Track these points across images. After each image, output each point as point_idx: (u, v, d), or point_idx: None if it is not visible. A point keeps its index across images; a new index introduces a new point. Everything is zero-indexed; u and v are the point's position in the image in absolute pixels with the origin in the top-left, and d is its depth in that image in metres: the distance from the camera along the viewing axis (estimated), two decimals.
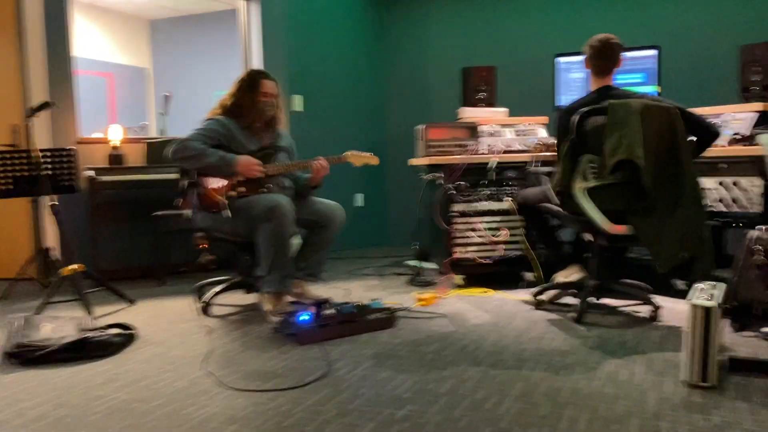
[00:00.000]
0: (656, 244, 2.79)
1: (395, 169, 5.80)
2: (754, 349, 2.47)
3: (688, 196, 2.79)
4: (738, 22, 4.52)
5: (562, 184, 2.85)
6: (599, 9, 5.00)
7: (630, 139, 2.67)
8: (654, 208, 2.79)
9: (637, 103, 2.76)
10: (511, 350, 2.54)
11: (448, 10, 5.63)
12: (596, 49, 3.02)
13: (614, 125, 2.73)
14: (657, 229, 2.79)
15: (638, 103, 2.76)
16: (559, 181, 2.87)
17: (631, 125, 2.69)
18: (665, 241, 2.78)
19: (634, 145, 2.67)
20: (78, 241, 4.24)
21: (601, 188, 2.81)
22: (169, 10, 7.01)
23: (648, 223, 2.79)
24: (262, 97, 3.28)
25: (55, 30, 4.31)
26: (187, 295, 3.69)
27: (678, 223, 2.77)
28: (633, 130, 2.69)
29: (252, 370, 2.36)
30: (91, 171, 4.22)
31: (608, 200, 2.82)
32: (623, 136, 2.69)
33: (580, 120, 2.80)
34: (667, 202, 2.79)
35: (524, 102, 4.78)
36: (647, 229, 2.79)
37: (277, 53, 5.00)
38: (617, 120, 2.73)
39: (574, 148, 2.84)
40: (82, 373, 2.38)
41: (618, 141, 2.70)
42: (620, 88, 3.05)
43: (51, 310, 3.31)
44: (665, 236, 2.78)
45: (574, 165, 2.84)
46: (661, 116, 2.78)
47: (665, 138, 2.78)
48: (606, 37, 3.03)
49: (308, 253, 3.39)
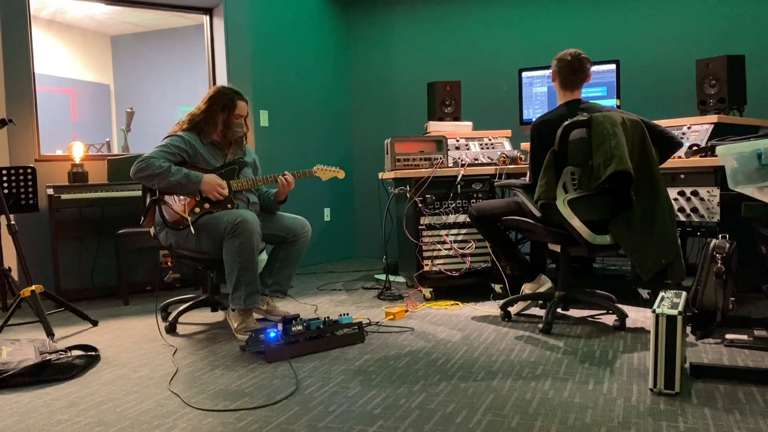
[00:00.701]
0: (639, 252, 2.85)
1: (362, 183, 5.81)
2: (717, 356, 2.52)
3: (663, 205, 2.87)
4: (694, 36, 4.67)
5: (547, 196, 2.88)
6: (561, 24, 5.11)
7: (620, 151, 2.73)
8: (634, 217, 2.85)
9: (617, 115, 2.84)
10: (480, 363, 2.55)
11: (413, 25, 5.69)
12: (568, 63, 3.07)
13: (602, 137, 2.76)
14: (639, 237, 2.85)
15: (618, 116, 2.83)
16: (543, 193, 2.89)
17: (618, 137, 2.76)
18: (648, 249, 2.85)
19: (625, 156, 2.73)
20: (38, 261, 4.15)
21: (581, 199, 2.88)
22: (131, 26, 6.94)
23: (630, 232, 2.86)
24: (234, 119, 3.26)
25: (13, 46, 4.22)
26: (152, 314, 3.62)
27: (658, 230, 2.85)
28: (621, 142, 2.75)
29: (219, 390, 2.32)
30: (51, 189, 4.12)
31: (588, 211, 2.88)
32: (614, 147, 2.73)
33: (564, 132, 2.84)
34: (645, 211, 2.86)
35: (489, 116, 4.85)
36: (629, 237, 2.86)
37: (242, 68, 4.98)
38: (605, 132, 2.76)
39: (556, 160, 2.88)
40: (43, 397, 2.31)
41: (609, 153, 2.74)
42: (589, 102, 3.11)
43: (10, 333, 3.22)
44: (647, 244, 2.84)
45: (557, 177, 2.88)
46: (634, 129, 2.85)
47: (636, 149, 2.85)
48: (576, 52, 3.09)
49: (275, 269, 3.36)
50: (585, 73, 3.09)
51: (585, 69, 3.09)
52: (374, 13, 5.82)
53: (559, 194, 2.87)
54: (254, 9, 5.06)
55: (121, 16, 6.57)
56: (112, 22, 6.85)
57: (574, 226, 2.86)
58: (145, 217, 3.21)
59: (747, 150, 2.22)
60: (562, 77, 3.09)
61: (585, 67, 3.09)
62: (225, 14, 4.92)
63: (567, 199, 2.87)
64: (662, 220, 2.86)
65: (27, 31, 4.29)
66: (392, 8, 5.75)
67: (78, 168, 4.33)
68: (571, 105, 3.06)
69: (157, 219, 3.18)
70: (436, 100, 4.54)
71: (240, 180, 3.26)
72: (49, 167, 4.34)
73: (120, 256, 4.15)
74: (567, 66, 3.07)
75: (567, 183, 2.88)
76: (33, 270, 3.47)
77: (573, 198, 2.87)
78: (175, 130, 3.29)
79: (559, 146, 2.85)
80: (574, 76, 3.07)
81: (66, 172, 4.34)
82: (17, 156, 4.22)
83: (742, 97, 3.74)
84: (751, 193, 2.25)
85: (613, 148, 2.73)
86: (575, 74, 3.07)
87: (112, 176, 4.39)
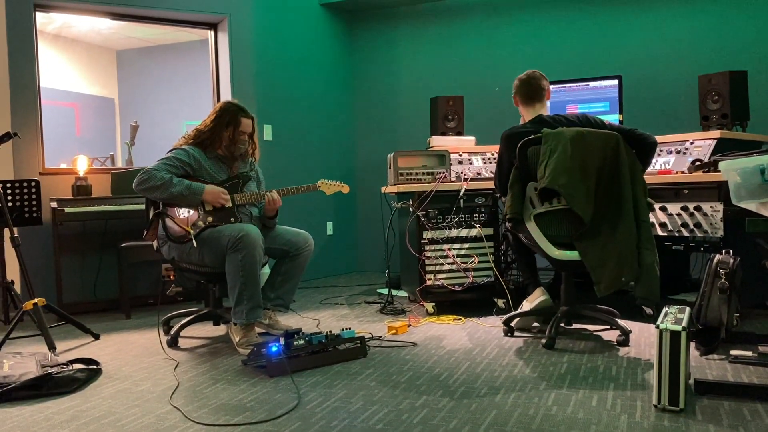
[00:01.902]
0: (598, 267, 2.83)
1: (365, 197, 5.82)
2: (721, 372, 2.51)
3: (628, 220, 2.83)
4: (697, 52, 4.68)
5: (513, 212, 2.97)
6: (564, 40, 5.13)
7: (553, 167, 2.77)
8: (599, 232, 2.84)
9: (570, 131, 2.86)
10: (483, 378, 2.53)
11: (416, 40, 5.72)
12: (523, 82, 3.24)
13: (544, 154, 2.84)
14: (599, 252, 2.83)
15: (571, 131, 2.85)
16: (509, 209, 2.98)
17: (558, 152, 2.79)
18: (607, 265, 2.81)
19: (557, 174, 2.76)
20: (41, 274, 4.15)
21: (549, 215, 2.91)
22: (136, 40, 6.99)
23: (591, 247, 2.85)
24: (239, 135, 3.28)
25: (19, 60, 4.26)
26: (154, 328, 3.61)
27: (618, 246, 2.81)
28: (560, 159, 2.78)
29: (221, 404, 2.31)
30: (55, 202, 4.14)
31: (555, 226, 2.92)
32: (547, 164, 2.80)
33: (522, 148, 2.92)
34: (608, 226, 2.84)
35: (491, 130, 4.85)
36: (590, 253, 2.84)
37: (246, 83, 5.01)
38: (547, 149, 2.84)
39: (521, 176, 2.95)
40: (44, 411, 2.30)
41: (544, 170, 2.81)
42: (554, 115, 3.15)
43: (12, 346, 3.21)
44: (607, 261, 2.81)
45: (522, 192, 2.95)
46: (598, 142, 2.85)
47: (607, 163, 2.85)
48: (531, 71, 3.26)
49: (278, 283, 3.35)
50: (542, 90, 3.21)
51: (541, 86, 3.21)
52: (377, 28, 5.86)
53: (526, 209, 2.94)
54: (258, 24, 5.10)
55: (126, 31, 6.63)
56: (117, 37, 6.90)
57: (536, 241, 2.92)
58: (147, 230, 3.21)
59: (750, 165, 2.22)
60: (521, 96, 3.24)
61: (540, 84, 3.21)
62: (229, 29, 4.96)
63: (533, 214, 2.92)
64: (624, 236, 2.81)
65: (33, 45, 4.33)
66: (395, 23, 5.78)
67: (82, 181, 4.34)
68: (536, 120, 3.13)
69: (159, 232, 3.19)
70: (439, 114, 4.56)
71: (243, 194, 3.27)
72: (53, 180, 4.36)
73: (122, 269, 4.15)
74: (523, 86, 3.23)
75: (533, 198, 2.94)
76: (36, 283, 3.48)
77: (539, 213, 2.92)
78: (180, 143, 3.30)
79: (519, 162, 2.93)
80: (531, 92, 3.21)
81: (70, 186, 4.36)
82: (21, 169, 4.24)
83: (744, 113, 3.75)
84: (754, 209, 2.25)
85: (548, 164, 2.79)
86: (531, 91, 3.21)
87: (115, 190, 4.41)
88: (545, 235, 2.92)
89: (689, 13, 4.74)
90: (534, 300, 3.30)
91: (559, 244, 2.92)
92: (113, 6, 4.61)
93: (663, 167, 3.60)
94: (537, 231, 2.92)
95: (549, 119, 3.10)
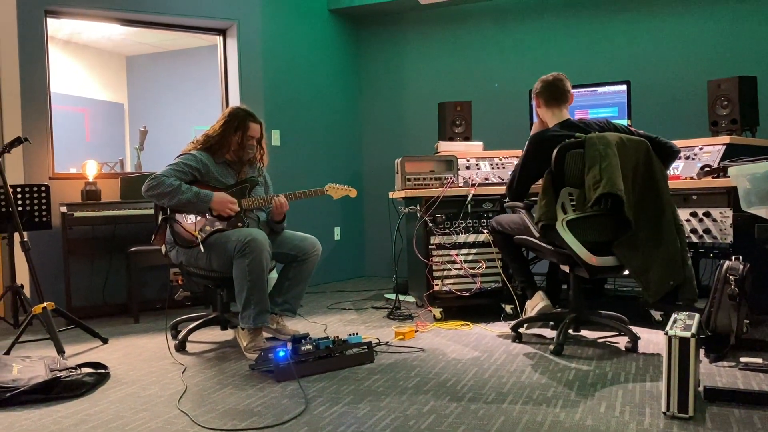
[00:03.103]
0: (644, 274, 2.82)
1: (372, 202, 5.82)
2: (731, 379, 2.49)
3: (669, 225, 2.84)
4: (706, 57, 4.67)
5: (547, 218, 2.87)
6: (572, 45, 5.13)
7: (610, 172, 2.72)
8: (638, 238, 2.83)
9: (613, 136, 2.82)
10: (491, 384, 2.52)
11: (423, 46, 5.73)
12: (550, 83, 3.16)
13: (593, 158, 2.77)
14: (643, 259, 2.82)
15: (614, 137, 2.82)
16: (543, 215, 2.88)
17: (609, 158, 2.74)
18: (653, 271, 2.81)
19: (615, 178, 2.72)
20: (50, 278, 4.17)
21: (582, 220, 2.86)
22: (146, 46, 7.03)
23: (634, 254, 2.83)
24: (248, 140, 3.29)
25: (30, 66, 4.30)
26: (162, 332, 3.62)
27: (664, 252, 2.81)
28: (612, 163, 2.74)
29: (228, 409, 2.32)
30: (64, 207, 4.16)
31: (590, 232, 2.87)
32: (603, 169, 2.73)
33: (559, 153, 2.84)
34: (650, 232, 2.83)
35: (499, 136, 4.85)
36: (634, 259, 2.83)
37: (254, 88, 5.03)
38: (596, 153, 2.77)
39: (554, 181, 2.88)
40: (53, 415, 2.31)
41: (599, 174, 2.74)
42: (581, 119, 3.13)
43: (21, 350, 3.23)
44: (653, 266, 2.81)
45: (555, 197, 2.88)
46: (636, 148, 2.85)
47: (640, 169, 2.84)
48: (557, 74, 3.19)
49: (285, 288, 3.36)
50: (567, 92, 3.17)
51: (567, 88, 3.17)
52: (385, 33, 5.87)
53: (558, 215, 2.87)
54: (267, 30, 5.12)
55: (136, 37, 6.67)
56: (127, 43, 6.95)
57: (572, 247, 2.87)
58: (156, 235, 3.22)
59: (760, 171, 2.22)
60: (545, 98, 3.17)
61: (567, 87, 3.17)
62: (238, 35, 4.99)
63: (566, 220, 2.88)
64: (669, 240, 2.82)
65: (44, 51, 4.37)
66: (403, 29, 5.80)
67: (91, 186, 4.37)
68: (565, 124, 3.08)
69: (168, 237, 3.20)
70: (446, 119, 4.56)
71: (251, 198, 3.28)
72: (63, 185, 4.39)
73: (131, 273, 4.17)
74: (549, 87, 3.16)
75: (565, 204, 2.89)
76: (45, 287, 3.49)
77: (572, 219, 2.87)
78: (189, 148, 3.32)
79: (556, 167, 2.86)
80: (558, 95, 3.14)
81: (79, 190, 4.39)
82: (32, 174, 4.27)
83: (754, 118, 3.73)
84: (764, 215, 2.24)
85: (603, 170, 2.73)
86: (558, 93, 3.14)
87: (124, 194, 4.43)
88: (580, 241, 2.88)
89: (697, 18, 4.73)
90: (534, 306, 3.28)
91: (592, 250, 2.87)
92: (123, 12, 4.65)
93: (672, 173, 3.58)
94: (571, 237, 2.84)
95: (580, 124, 3.05)
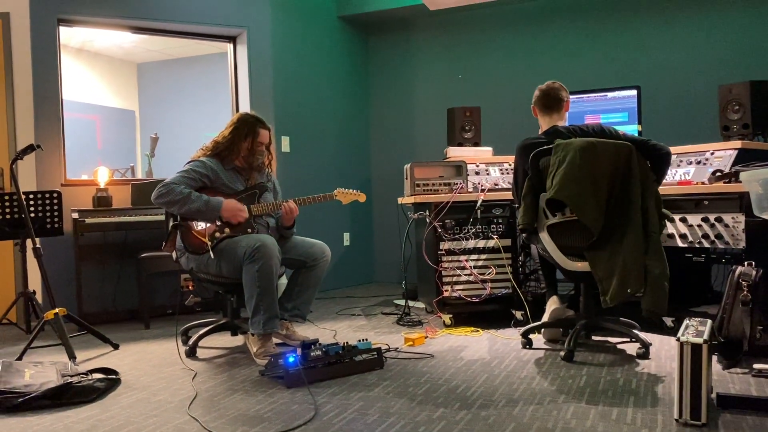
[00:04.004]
0: (606, 279, 2.79)
1: (382, 207, 5.82)
2: (744, 386, 2.46)
3: (634, 231, 2.78)
4: (716, 62, 4.65)
5: (525, 222, 2.97)
6: (581, 50, 5.12)
7: (561, 178, 2.76)
8: (607, 243, 2.82)
9: (580, 141, 2.84)
10: (501, 390, 2.51)
11: (432, 51, 5.74)
12: (542, 92, 3.25)
13: (553, 165, 2.84)
14: (606, 264, 2.80)
15: (581, 142, 2.83)
16: (521, 219, 2.98)
17: (567, 163, 2.78)
18: (615, 276, 2.77)
19: (564, 184, 2.75)
20: (62, 284, 4.20)
21: (562, 225, 2.90)
22: (157, 53, 7.08)
23: (599, 258, 2.82)
24: (257, 147, 3.30)
25: (43, 74, 4.34)
26: (172, 338, 3.64)
27: (625, 258, 2.76)
28: (568, 169, 2.77)
29: (238, 415, 2.32)
30: (76, 213, 4.19)
31: (569, 237, 2.90)
32: (556, 175, 2.79)
33: (534, 158, 2.93)
34: (617, 237, 2.81)
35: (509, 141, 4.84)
36: (599, 264, 2.82)
37: (264, 95, 5.05)
38: (556, 160, 2.83)
39: (534, 186, 2.95)
40: (64, 420, 2.32)
41: (551, 181, 2.80)
42: (570, 126, 3.14)
43: (33, 355, 3.25)
44: (614, 271, 2.77)
45: (535, 203, 2.94)
46: (609, 152, 2.81)
47: (619, 173, 2.82)
48: (550, 82, 3.27)
49: (295, 294, 3.36)
50: (560, 101, 3.22)
51: (559, 97, 3.22)
52: (394, 39, 5.89)
53: (540, 220, 2.93)
54: (276, 37, 5.15)
55: (147, 45, 6.72)
56: (138, 50, 7.00)
57: (549, 251, 2.92)
58: (166, 241, 3.24)
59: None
60: (539, 106, 3.26)
61: (559, 95, 3.22)
62: (248, 42, 5.02)
63: (547, 224, 2.91)
64: (631, 247, 2.76)
65: (57, 59, 4.41)
66: (412, 35, 5.81)
67: (102, 192, 4.40)
68: (549, 131, 3.13)
69: (178, 243, 3.22)
70: (455, 125, 4.56)
71: (260, 204, 3.29)
72: (75, 191, 4.42)
73: (142, 279, 4.19)
74: (542, 96, 3.24)
75: (545, 209, 2.93)
76: (57, 293, 3.52)
77: (553, 224, 2.91)
78: (198, 155, 3.33)
79: (532, 172, 2.93)
80: (549, 103, 3.22)
81: (91, 197, 4.42)
82: (44, 180, 4.31)
83: (766, 123, 3.70)
84: None
85: (555, 175, 2.78)
86: (550, 101, 3.21)
87: (135, 201, 4.46)
88: (558, 246, 2.91)
89: (708, 22, 4.71)
90: (548, 310, 3.28)
91: (572, 255, 2.91)
92: (135, 20, 4.69)
93: (683, 178, 3.56)
94: (550, 242, 2.91)
95: (563, 130, 3.09)
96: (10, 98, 4.32)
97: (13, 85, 4.32)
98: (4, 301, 4.05)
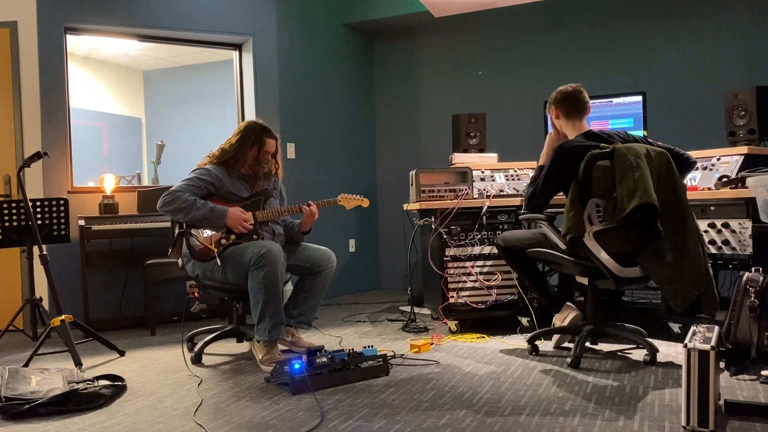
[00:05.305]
0: (670, 284, 2.79)
1: (387, 214, 5.83)
2: (752, 392, 2.45)
3: (693, 236, 2.81)
4: (721, 67, 4.64)
5: (576, 229, 2.83)
6: (586, 57, 5.12)
7: (645, 183, 2.69)
8: (663, 248, 2.81)
9: (641, 147, 2.80)
10: (507, 397, 2.50)
11: (437, 58, 5.75)
12: (569, 93, 3.12)
13: (625, 169, 2.72)
14: (669, 269, 2.80)
15: (642, 148, 2.80)
16: (572, 226, 2.84)
17: (642, 169, 2.72)
18: (680, 281, 2.78)
19: (650, 189, 2.69)
20: (68, 291, 4.21)
21: (608, 231, 2.83)
22: (163, 61, 7.12)
23: (660, 264, 2.81)
24: (263, 155, 3.31)
25: (50, 82, 4.37)
26: (178, 344, 3.64)
27: (690, 262, 2.78)
28: (645, 174, 2.71)
29: (244, 421, 2.32)
30: (82, 220, 4.21)
31: (615, 243, 2.83)
32: (637, 179, 2.69)
33: (588, 163, 2.81)
34: (675, 242, 2.80)
35: (514, 147, 4.84)
36: (660, 270, 2.81)
37: (269, 102, 5.07)
38: (627, 164, 2.72)
39: (581, 192, 2.85)
40: (70, 427, 2.32)
41: (633, 184, 2.69)
42: (600, 130, 3.10)
43: (39, 362, 3.25)
44: (679, 276, 2.78)
45: (582, 209, 2.85)
46: (659, 159, 2.82)
47: (662, 180, 2.81)
48: (576, 85, 3.15)
49: (300, 300, 3.36)
50: (586, 104, 3.13)
51: (586, 100, 3.13)
52: (399, 46, 5.90)
53: (586, 227, 2.84)
54: (282, 44, 5.17)
55: (153, 52, 6.76)
56: (144, 58, 7.04)
57: (601, 259, 2.83)
58: (172, 248, 3.25)
59: None
60: (564, 109, 3.12)
61: (586, 98, 3.13)
62: (254, 50, 5.04)
63: (593, 231, 2.84)
64: (693, 250, 2.79)
65: (63, 67, 4.44)
66: (417, 41, 5.82)
67: (109, 199, 4.41)
68: (588, 135, 3.05)
69: (184, 250, 3.22)
70: (461, 131, 4.56)
71: (265, 211, 3.30)
72: (81, 199, 4.44)
73: (148, 286, 4.20)
74: (568, 98, 3.11)
75: (592, 215, 2.86)
76: (63, 300, 3.53)
77: (599, 230, 2.84)
78: (204, 162, 3.34)
79: (583, 177, 2.82)
80: (579, 106, 3.10)
81: (97, 204, 4.43)
82: (51, 188, 4.33)
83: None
84: None
85: (637, 180, 2.69)
86: (579, 105, 3.10)
87: (141, 208, 4.47)
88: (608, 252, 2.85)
89: (713, 28, 4.71)
90: (565, 317, 3.25)
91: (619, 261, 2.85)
92: (141, 28, 4.72)
93: (689, 183, 3.55)
94: (598, 248, 2.82)
95: (603, 134, 3.02)
96: (18, 106, 4.34)
97: (21, 92, 4.35)
98: (10, 308, 4.06)
